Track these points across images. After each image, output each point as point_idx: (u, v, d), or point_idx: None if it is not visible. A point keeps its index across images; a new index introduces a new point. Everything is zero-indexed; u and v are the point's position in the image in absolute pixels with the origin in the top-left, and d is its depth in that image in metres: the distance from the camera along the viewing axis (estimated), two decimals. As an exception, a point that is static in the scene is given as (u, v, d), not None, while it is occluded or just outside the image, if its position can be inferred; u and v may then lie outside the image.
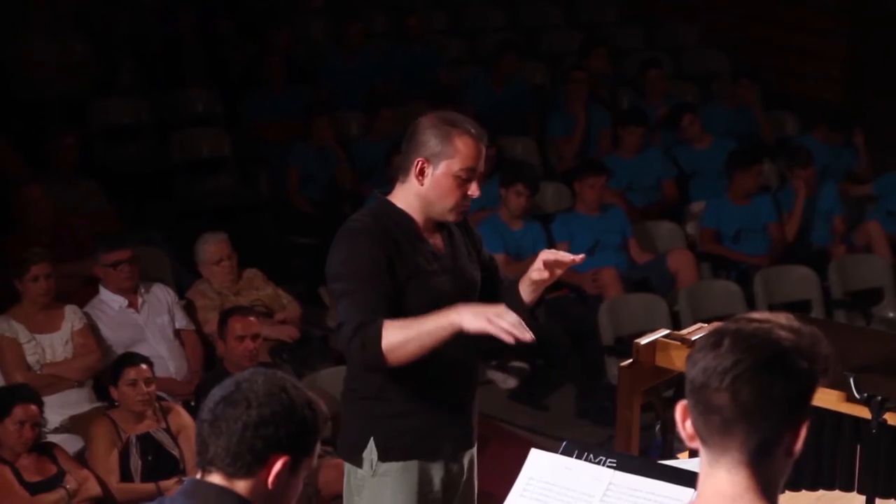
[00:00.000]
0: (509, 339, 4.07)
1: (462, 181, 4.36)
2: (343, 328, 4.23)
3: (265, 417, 2.73)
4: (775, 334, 2.36)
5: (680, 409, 2.44)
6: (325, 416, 2.85)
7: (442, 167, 4.34)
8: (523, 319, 4.25)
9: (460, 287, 4.47)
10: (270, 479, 2.75)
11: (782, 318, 2.41)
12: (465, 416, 4.60)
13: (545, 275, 4.42)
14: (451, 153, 4.32)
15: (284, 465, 2.75)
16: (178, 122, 10.64)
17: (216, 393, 2.79)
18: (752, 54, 12.71)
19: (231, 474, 2.75)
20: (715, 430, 2.36)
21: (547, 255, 4.41)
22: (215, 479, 2.78)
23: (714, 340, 2.37)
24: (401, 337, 4.16)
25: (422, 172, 4.36)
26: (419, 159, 4.35)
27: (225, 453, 2.74)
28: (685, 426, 2.43)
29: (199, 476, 2.81)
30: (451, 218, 4.45)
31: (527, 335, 4.07)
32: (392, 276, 4.31)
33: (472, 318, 4.11)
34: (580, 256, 4.45)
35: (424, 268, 4.38)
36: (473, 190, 4.40)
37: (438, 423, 4.49)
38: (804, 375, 2.35)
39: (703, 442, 2.40)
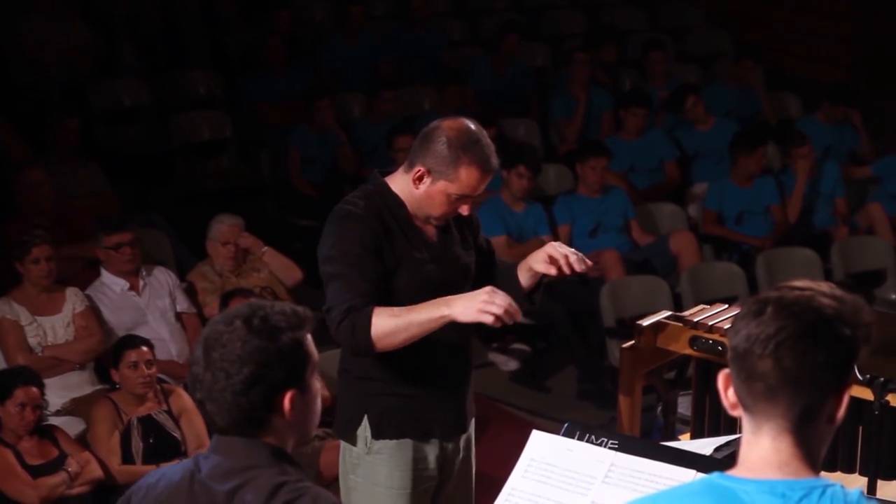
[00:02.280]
0: (501, 323, 4.08)
1: (454, 200, 4.37)
2: (332, 312, 4.22)
3: (248, 379, 2.72)
4: (818, 301, 2.37)
5: (722, 377, 2.45)
6: (300, 320, 2.80)
7: (439, 184, 4.34)
8: (520, 305, 4.26)
9: (450, 274, 4.47)
10: (287, 414, 2.76)
11: (824, 286, 2.42)
12: (458, 402, 4.60)
13: (552, 271, 4.40)
14: (453, 178, 4.32)
15: (293, 398, 2.77)
16: (179, 104, 10.62)
17: (195, 369, 2.79)
18: (756, 35, 12.67)
19: (249, 434, 2.77)
20: (759, 397, 2.37)
21: (553, 251, 4.37)
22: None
23: (756, 308, 2.38)
24: (391, 325, 4.15)
25: (420, 179, 4.36)
26: (421, 168, 4.35)
27: (232, 421, 2.76)
28: (727, 395, 2.44)
29: None
30: (433, 222, 4.45)
31: (517, 317, 4.09)
32: (381, 261, 4.32)
33: (463, 309, 4.11)
34: (587, 263, 4.42)
35: (414, 255, 4.39)
36: (464, 210, 4.42)
37: (430, 408, 4.50)
38: (847, 342, 2.37)
39: (747, 409, 2.41)
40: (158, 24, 11.41)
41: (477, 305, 4.08)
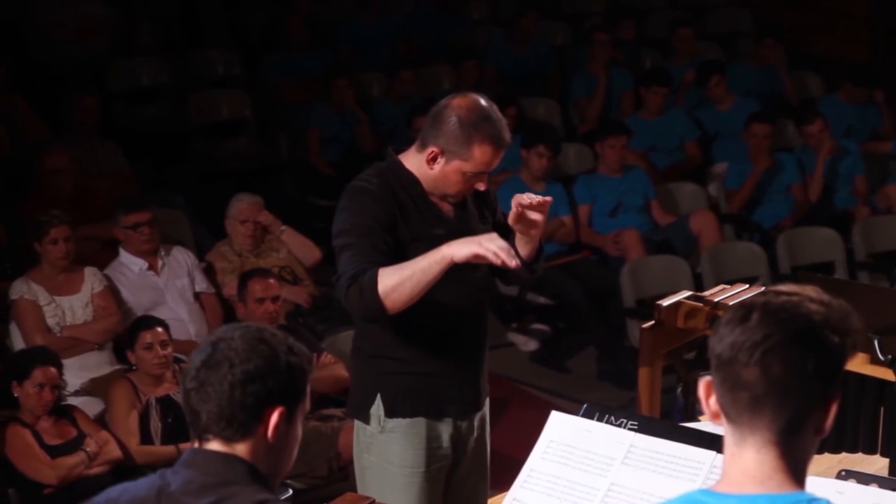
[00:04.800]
0: (497, 261, 4.07)
1: (470, 178, 4.37)
2: (341, 279, 4.23)
3: (250, 373, 2.67)
4: (805, 308, 2.28)
5: (703, 385, 2.37)
6: (308, 357, 2.79)
7: (454, 164, 4.34)
8: (524, 278, 4.40)
9: None
10: (270, 432, 2.70)
11: (811, 290, 2.33)
12: (472, 380, 4.58)
13: (517, 212, 4.34)
14: (466, 157, 4.31)
15: (281, 417, 2.71)
16: (198, 83, 10.62)
17: (196, 358, 2.74)
18: (777, 13, 12.60)
19: (229, 437, 2.71)
20: (744, 407, 2.28)
21: (517, 199, 4.34)
22: (214, 446, 2.73)
23: (742, 315, 2.29)
24: (396, 279, 4.14)
25: (434, 160, 4.36)
26: (434, 149, 4.34)
27: (218, 418, 2.69)
28: (709, 403, 2.36)
29: (196, 445, 2.76)
30: (450, 199, 4.45)
31: (513, 261, 4.08)
32: (395, 237, 4.31)
33: (461, 246, 4.13)
34: (543, 198, 4.38)
35: (431, 232, 4.37)
36: (480, 185, 4.41)
37: (443, 386, 4.49)
38: (836, 349, 2.28)
39: (730, 420, 2.32)
40: (177, 3, 11.40)
41: (476, 241, 4.10)
